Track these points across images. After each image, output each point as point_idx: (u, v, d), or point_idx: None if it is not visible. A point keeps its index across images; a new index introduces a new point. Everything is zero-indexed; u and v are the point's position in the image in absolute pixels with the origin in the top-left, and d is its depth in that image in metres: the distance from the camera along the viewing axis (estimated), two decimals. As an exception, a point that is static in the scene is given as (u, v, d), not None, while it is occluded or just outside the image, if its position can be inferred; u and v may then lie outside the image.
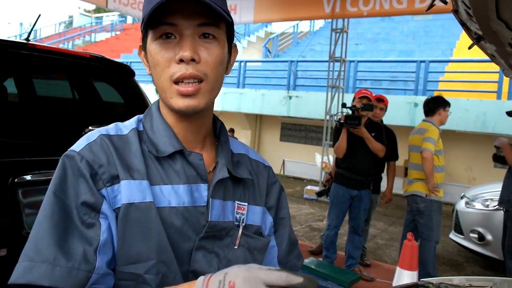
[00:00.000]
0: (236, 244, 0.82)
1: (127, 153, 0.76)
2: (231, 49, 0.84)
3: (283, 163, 11.82)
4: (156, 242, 0.72)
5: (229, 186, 0.83)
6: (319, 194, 4.81)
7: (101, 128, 0.80)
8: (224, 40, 0.78)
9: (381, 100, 4.25)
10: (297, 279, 0.55)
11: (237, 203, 0.84)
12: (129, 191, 0.72)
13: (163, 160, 0.78)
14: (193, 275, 0.75)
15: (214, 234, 0.79)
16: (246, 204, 0.86)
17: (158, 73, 0.75)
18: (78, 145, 0.75)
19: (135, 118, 0.85)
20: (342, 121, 3.96)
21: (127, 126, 0.82)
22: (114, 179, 0.73)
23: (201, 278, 0.61)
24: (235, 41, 0.86)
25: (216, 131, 0.90)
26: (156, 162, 0.78)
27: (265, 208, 0.91)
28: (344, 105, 4.03)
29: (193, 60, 0.72)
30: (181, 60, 0.72)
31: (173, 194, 0.76)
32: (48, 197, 0.70)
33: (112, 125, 0.81)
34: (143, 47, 0.80)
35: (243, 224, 0.84)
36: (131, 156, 0.76)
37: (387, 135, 4.14)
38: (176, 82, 0.74)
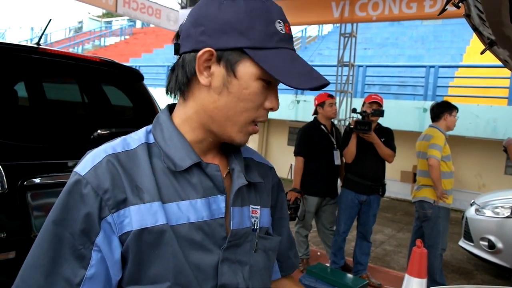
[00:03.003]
0: (255, 248, 0.82)
1: (135, 171, 0.73)
2: None
3: (291, 167, 11.80)
4: (173, 264, 0.70)
5: (244, 192, 0.83)
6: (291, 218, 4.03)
7: (108, 145, 0.76)
8: None
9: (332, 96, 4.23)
10: None
11: (252, 207, 0.84)
12: (139, 216, 0.70)
13: (178, 174, 0.75)
14: None
15: (235, 242, 0.78)
16: (259, 207, 0.86)
17: (242, 108, 0.75)
18: (83, 168, 0.72)
19: (143, 130, 0.81)
20: (352, 126, 3.94)
21: (135, 140, 0.78)
22: (120, 204, 0.70)
23: None
24: None
25: None
26: (172, 177, 0.75)
27: (269, 208, 0.92)
28: (354, 111, 4.01)
29: None
30: (271, 108, 0.78)
31: (192, 210, 0.74)
32: (46, 225, 0.70)
33: (118, 140, 0.78)
34: (229, 66, 0.73)
35: (258, 227, 0.84)
36: (140, 174, 0.73)
37: (386, 133, 4.07)
38: (254, 122, 0.78)
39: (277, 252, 0.92)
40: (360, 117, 3.92)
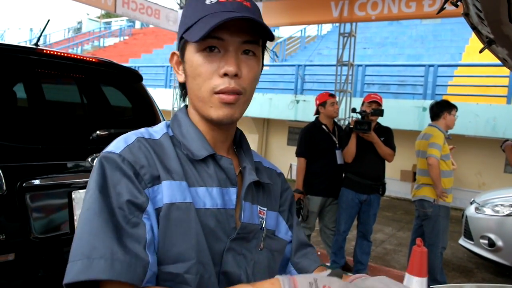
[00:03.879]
0: (261, 247, 0.85)
1: (163, 156, 0.79)
2: (263, 61, 0.88)
3: (290, 167, 11.79)
4: (196, 242, 0.73)
5: (253, 190, 0.87)
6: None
7: (135, 131, 0.81)
8: (260, 56, 0.83)
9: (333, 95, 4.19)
10: None
11: (259, 208, 0.88)
12: (170, 191, 0.74)
13: (196, 163, 0.81)
14: (224, 276, 0.77)
15: (244, 236, 0.81)
16: (265, 209, 0.89)
17: (199, 84, 0.78)
18: (117, 147, 0.76)
19: (162, 124, 0.87)
20: (351, 126, 3.94)
21: (158, 131, 0.84)
22: (155, 180, 0.75)
23: (281, 278, 0.62)
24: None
25: (236, 138, 0.93)
26: (191, 165, 0.80)
27: (278, 213, 0.95)
28: (353, 110, 4.01)
29: (235, 75, 0.76)
30: (225, 74, 0.76)
31: (208, 196, 0.78)
32: (94, 196, 0.70)
33: (143, 130, 0.83)
34: (181, 56, 0.83)
35: (265, 227, 0.87)
36: (167, 158, 0.78)
37: (386, 132, 4.07)
38: (217, 93, 0.77)
39: (292, 260, 0.95)
40: (359, 116, 3.92)
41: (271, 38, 0.79)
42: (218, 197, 0.79)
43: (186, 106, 0.90)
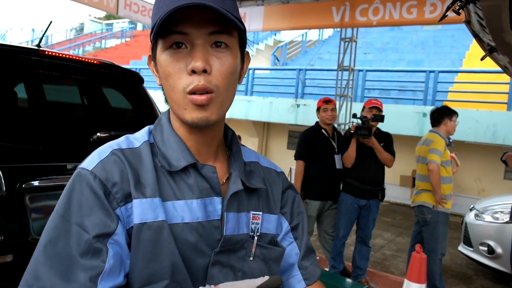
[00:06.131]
0: (251, 256, 0.80)
1: (139, 167, 0.74)
2: (244, 57, 0.81)
3: (290, 171, 11.78)
4: (170, 262, 0.69)
5: (243, 197, 0.81)
6: None
7: (112, 142, 0.77)
8: (237, 48, 0.76)
9: (329, 101, 4.15)
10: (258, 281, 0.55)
11: (252, 213, 0.82)
12: (141, 210, 0.70)
13: (175, 174, 0.75)
14: None
15: (229, 248, 0.76)
16: (260, 213, 0.84)
17: (170, 85, 0.72)
18: (90, 163, 0.72)
19: (145, 129, 0.82)
20: (352, 131, 3.94)
21: (139, 138, 0.79)
22: (128, 197, 0.70)
23: None
24: (247, 48, 0.83)
25: (228, 140, 0.87)
26: (169, 176, 0.75)
27: (280, 215, 0.89)
28: (354, 116, 4.01)
29: (204, 71, 0.69)
30: (193, 71, 0.69)
31: (187, 210, 0.73)
32: (54, 219, 0.67)
33: (122, 138, 0.79)
34: (153, 57, 0.77)
35: (258, 234, 0.82)
36: (143, 170, 0.74)
37: (386, 138, 4.07)
38: (189, 93, 0.71)
39: (294, 262, 0.89)
40: (360, 122, 3.92)
41: (238, 26, 0.72)
42: (199, 210, 0.74)
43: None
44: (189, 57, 0.70)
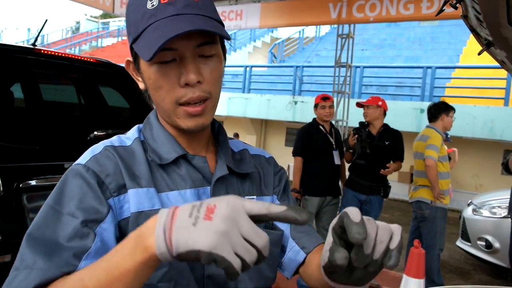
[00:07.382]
0: None
1: (132, 162, 0.76)
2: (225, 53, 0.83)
3: (288, 168, 11.79)
4: None
5: (233, 183, 0.83)
6: None
7: (105, 141, 0.79)
8: (221, 53, 0.78)
9: (327, 98, 4.15)
10: (280, 208, 0.53)
11: (246, 198, 0.82)
12: (137, 199, 0.72)
13: (167, 166, 0.78)
14: (210, 280, 0.74)
15: None
16: (254, 197, 0.85)
17: (161, 95, 0.74)
18: (83, 158, 0.74)
19: (135, 128, 0.84)
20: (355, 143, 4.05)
21: (130, 137, 0.82)
22: (121, 189, 0.72)
23: (161, 210, 0.56)
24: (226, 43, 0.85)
25: (215, 133, 0.89)
26: (161, 169, 0.77)
27: (274, 196, 0.91)
28: (362, 126, 4.13)
29: (198, 82, 0.71)
30: (186, 84, 0.71)
31: (181, 200, 0.75)
32: (44, 210, 0.68)
33: (115, 138, 0.80)
34: (136, 65, 0.78)
35: None
36: (136, 164, 0.76)
37: (393, 136, 4.07)
38: (182, 104, 0.73)
39: (292, 235, 0.89)
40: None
41: (227, 38, 0.73)
42: (192, 199, 0.76)
43: None
44: (180, 69, 0.72)
